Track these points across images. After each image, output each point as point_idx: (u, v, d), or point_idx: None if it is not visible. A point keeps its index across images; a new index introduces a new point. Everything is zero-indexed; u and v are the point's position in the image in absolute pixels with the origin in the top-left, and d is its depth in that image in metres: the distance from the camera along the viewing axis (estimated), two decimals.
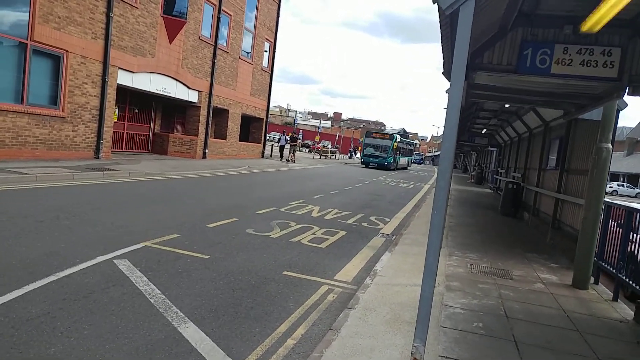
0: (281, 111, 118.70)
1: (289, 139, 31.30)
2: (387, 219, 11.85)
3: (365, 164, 40.05)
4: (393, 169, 40.58)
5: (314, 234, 8.80)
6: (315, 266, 6.59)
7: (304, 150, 53.03)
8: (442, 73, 5.66)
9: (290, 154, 30.02)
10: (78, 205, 8.48)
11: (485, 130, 21.00)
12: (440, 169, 3.45)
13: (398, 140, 41.91)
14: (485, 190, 26.57)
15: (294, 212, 11.05)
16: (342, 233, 9.24)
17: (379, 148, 40.33)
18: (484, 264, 7.28)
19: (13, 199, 8.45)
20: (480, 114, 15.90)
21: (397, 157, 42.48)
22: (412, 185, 25.26)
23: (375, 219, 11.65)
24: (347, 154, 56.87)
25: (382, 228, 10.48)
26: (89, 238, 6.49)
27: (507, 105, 11.18)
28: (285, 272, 6.06)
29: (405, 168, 48.41)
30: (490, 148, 27.91)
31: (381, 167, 39.11)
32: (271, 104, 29.02)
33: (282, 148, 31.27)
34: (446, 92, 8.86)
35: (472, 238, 9.82)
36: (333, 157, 47.37)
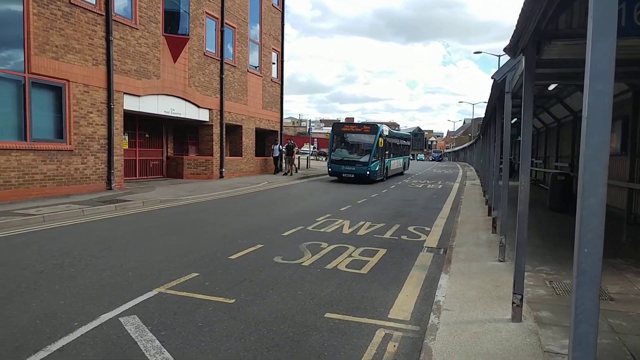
0: (293, 122, 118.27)
1: (284, 148, 26.21)
2: (427, 228, 10.66)
3: (335, 174, 23.22)
4: (380, 179, 24.05)
5: (350, 255, 7.70)
6: (362, 301, 5.47)
7: (321, 159, 51.91)
8: (504, 49, 4.54)
9: (287, 166, 25.72)
10: (85, 247, 7.56)
11: (515, 119, 19.61)
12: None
13: (385, 133, 24.68)
14: (517, 184, 24.99)
15: (322, 229, 9.97)
16: (382, 251, 8.10)
17: (356, 148, 23.68)
18: (566, 279, 6.04)
19: (14, 246, 7.58)
20: (513, 102, 14.58)
21: (386, 159, 25.29)
22: (440, 186, 23.94)
23: (414, 229, 10.47)
24: None
25: (425, 240, 9.30)
26: (93, 289, 5.52)
27: (550, 88, 9.95)
28: (327, 315, 4.96)
29: (401, 173, 31.25)
30: (520, 138, 26.36)
31: (361, 178, 22.57)
32: (283, 116, 28.09)
33: (276, 160, 26.11)
34: (492, 77, 7.71)
35: (532, 244, 8.55)
36: None
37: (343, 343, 4.27)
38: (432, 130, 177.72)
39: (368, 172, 22.27)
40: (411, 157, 52.53)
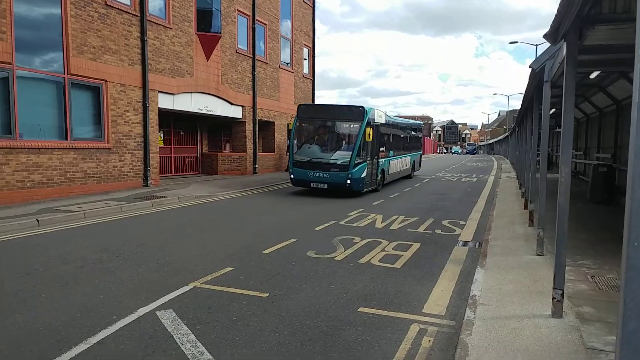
0: None
1: None
2: (461, 222, 10.42)
3: (300, 183, 15.03)
4: (372, 189, 15.62)
5: (383, 249, 7.60)
6: (396, 295, 5.39)
7: None
8: (544, 36, 4.33)
9: None
10: (123, 243, 7.78)
11: (553, 110, 18.89)
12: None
13: (378, 119, 16.04)
14: (556, 176, 24.14)
15: (355, 224, 9.90)
16: (416, 246, 7.97)
17: (331, 142, 15.27)
18: (609, 273, 5.77)
19: (57, 242, 7.89)
20: (552, 91, 14.03)
21: (382, 159, 16.62)
22: (475, 179, 23.37)
23: (449, 223, 10.26)
24: None
25: (459, 234, 9.09)
26: (131, 284, 5.67)
27: (592, 76, 9.49)
28: (361, 309, 4.91)
29: (409, 176, 21.73)
30: (558, 129, 25.43)
31: (338, 189, 14.44)
32: None
33: None
34: (530, 66, 7.42)
35: (572, 237, 8.21)
36: None
37: (377, 337, 4.22)
38: (466, 123, 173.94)
39: (349, 181, 13.72)
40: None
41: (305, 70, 26.15)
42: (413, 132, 23.33)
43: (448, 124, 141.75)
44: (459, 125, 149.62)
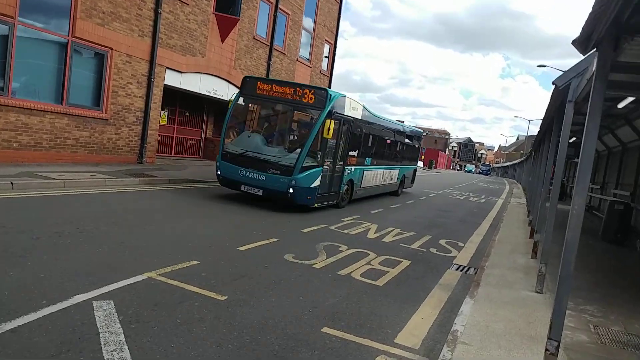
0: None
1: None
2: (460, 244, 9.74)
3: (228, 182, 10.81)
4: (332, 204, 11.70)
5: (369, 263, 6.97)
6: (369, 318, 4.77)
7: None
8: (573, 42, 3.70)
9: None
10: (93, 218, 7.24)
11: (574, 138, 18.08)
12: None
13: (348, 112, 11.53)
14: (567, 207, 23.22)
15: (346, 231, 9.28)
16: (405, 263, 7.32)
17: (278, 133, 11.64)
18: (614, 325, 5.09)
19: (23, 208, 7.39)
20: (574, 119, 13.27)
21: (350, 167, 12.36)
22: (483, 200, 22.57)
23: (446, 243, 9.59)
24: None
25: (455, 257, 8.42)
26: (82, 265, 5.11)
27: (621, 105, 8.77)
28: (325, 329, 4.29)
29: (395, 193, 17.68)
30: (576, 160, 24.53)
31: (276, 197, 10.42)
32: None
33: None
34: (553, 83, 6.73)
35: (579, 277, 7.51)
36: None
37: None
38: (483, 143, 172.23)
39: (291, 190, 10.04)
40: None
41: (324, 67, 25.55)
42: (407, 140, 18.58)
43: (465, 141, 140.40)
44: (476, 144, 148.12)
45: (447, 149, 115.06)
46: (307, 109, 10.82)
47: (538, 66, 38.31)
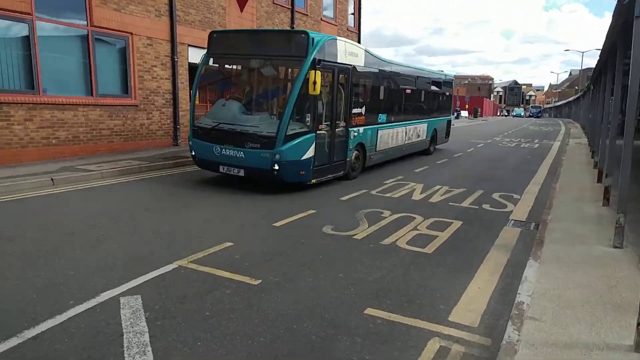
0: None
1: None
2: (515, 196, 8.94)
3: (204, 163, 9.00)
4: (333, 177, 9.30)
5: (415, 228, 6.43)
6: (418, 292, 4.28)
7: None
8: None
9: None
10: (128, 207, 7.11)
11: None
12: None
13: (338, 58, 8.98)
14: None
15: (388, 194, 8.72)
16: (457, 224, 6.72)
17: (255, 97, 9.53)
18: None
19: (62, 203, 7.36)
20: None
21: (355, 129, 9.85)
22: (537, 145, 21.11)
23: (500, 196, 8.83)
24: (454, 113, 51.80)
25: (511, 211, 7.69)
26: (112, 258, 4.92)
27: None
28: (369, 310, 3.86)
29: (426, 151, 15.15)
30: None
31: (260, 176, 8.41)
32: None
33: None
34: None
35: None
36: None
37: (378, 356, 3.17)
38: (530, 84, 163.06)
39: (276, 166, 8.06)
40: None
41: (351, 23, 24.34)
42: (435, 88, 15.72)
43: (510, 84, 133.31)
44: (523, 86, 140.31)
45: (491, 95, 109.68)
46: (287, 61, 8.84)
47: None
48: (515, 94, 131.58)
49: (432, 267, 4.96)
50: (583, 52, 71.89)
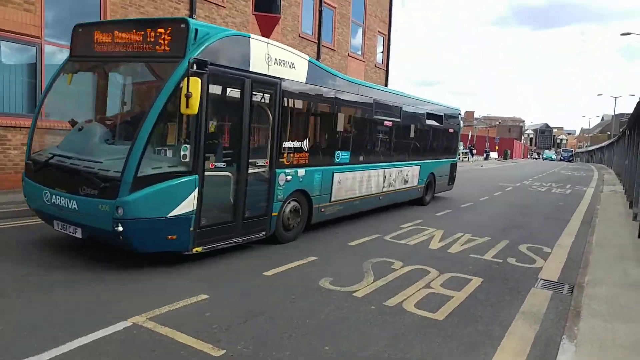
0: None
1: None
2: (545, 249, 7.92)
3: (38, 214, 6.13)
4: (232, 243, 6.08)
5: (428, 285, 5.54)
6: None
7: None
8: None
9: None
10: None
11: None
12: None
13: (250, 58, 6.12)
14: None
15: (403, 241, 7.85)
16: (476, 282, 5.79)
17: (121, 117, 6.69)
18: None
19: None
20: None
21: (300, 172, 7.30)
22: (569, 190, 19.82)
23: (528, 249, 7.83)
24: (483, 155, 50.66)
25: (541, 268, 6.69)
26: (60, 310, 4.22)
27: None
28: None
29: (420, 201, 12.19)
30: None
31: (101, 238, 5.56)
32: None
33: None
34: None
35: None
36: (466, 159, 41.86)
37: None
38: (562, 127, 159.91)
39: (119, 225, 4.98)
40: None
41: (379, 59, 24.04)
42: (431, 121, 12.53)
43: (542, 127, 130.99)
44: (554, 129, 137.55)
45: (522, 138, 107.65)
46: (160, 63, 5.86)
47: (622, 34, 33.91)
48: (546, 136, 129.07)
49: (441, 339, 4.06)
50: (616, 97, 69.80)
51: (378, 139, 10.17)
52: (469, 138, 51.84)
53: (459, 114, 15.04)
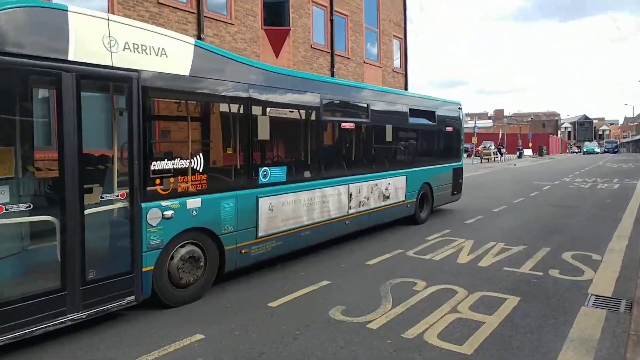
0: None
1: None
2: (595, 256, 6.97)
3: None
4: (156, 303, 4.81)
5: (455, 309, 4.80)
6: None
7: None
8: None
9: None
10: None
11: None
12: None
13: (58, 39, 4.01)
14: None
15: (428, 255, 7.10)
16: (512, 302, 5.00)
17: None
18: None
19: None
20: None
21: (193, 202, 5.11)
22: (617, 185, 18.36)
23: (573, 257, 6.91)
24: (516, 153, 48.62)
25: (591, 280, 5.80)
26: None
27: None
28: None
29: (413, 219, 9.73)
30: None
31: None
32: None
33: None
34: None
35: None
36: (497, 158, 40.16)
37: None
38: (603, 118, 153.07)
39: None
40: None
41: (397, 64, 23.34)
42: (419, 120, 10.20)
43: (580, 119, 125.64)
44: (594, 121, 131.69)
45: (558, 132, 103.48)
46: None
47: None
48: (586, 129, 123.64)
49: None
50: None
51: (334, 146, 8.10)
52: (500, 137, 49.94)
53: (459, 108, 12.22)
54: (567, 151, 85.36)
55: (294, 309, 4.87)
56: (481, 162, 35.89)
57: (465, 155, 42.14)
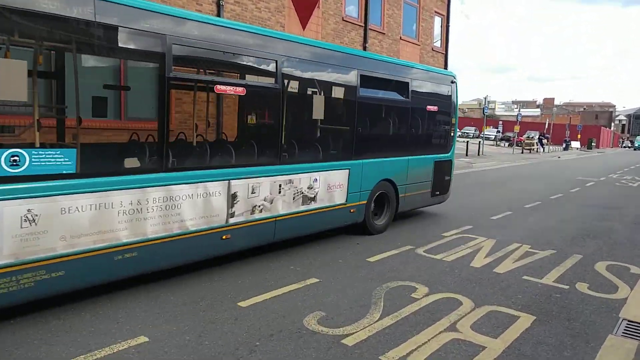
0: (479, 103, 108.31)
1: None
2: (634, 269, 5.98)
3: None
4: None
5: (453, 326, 4.05)
6: None
7: (502, 144, 44.44)
8: None
9: None
10: None
11: None
12: None
13: None
14: None
15: (440, 255, 6.31)
16: (525, 322, 4.20)
17: None
18: None
19: None
20: None
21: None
22: None
23: (608, 268, 5.96)
24: (562, 144, 45.87)
25: (625, 301, 4.88)
26: None
27: None
28: None
29: (361, 228, 7.13)
30: None
31: None
32: (468, 97, 23.49)
33: None
34: None
35: None
36: (538, 149, 37.79)
37: None
38: None
39: None
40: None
41: (438, 43, 21.94)
42: (377, 94, 7.43)
43: (636, 112, 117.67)
44: None
45: (612, 125, 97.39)
46: None
47: None
48: None
49: None
50: None
51: (197, 118, 5.85)
52: (546, 127, 47.20)
53: (453, 82, 9.13)
54: (619, 145, 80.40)
55: (264, 312, 4.24)
56: (522, 153, 33.86)
57: (506, 144, 40.15)
